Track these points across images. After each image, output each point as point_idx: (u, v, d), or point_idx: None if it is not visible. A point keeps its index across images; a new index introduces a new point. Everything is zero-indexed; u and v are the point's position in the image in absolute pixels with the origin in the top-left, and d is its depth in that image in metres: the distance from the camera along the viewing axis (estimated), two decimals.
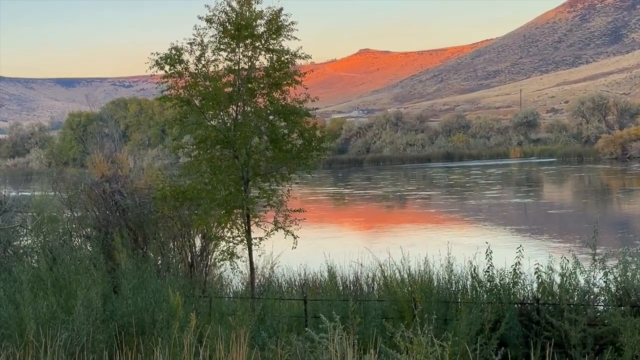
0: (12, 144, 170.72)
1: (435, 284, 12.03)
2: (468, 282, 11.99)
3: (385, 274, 12.67)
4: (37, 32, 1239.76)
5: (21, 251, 15.03)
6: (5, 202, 14.44)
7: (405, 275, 12.10)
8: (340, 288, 15.56)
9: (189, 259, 15.54)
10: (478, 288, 11.64)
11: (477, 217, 44.70)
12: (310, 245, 18.11)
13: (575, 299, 11.25)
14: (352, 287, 16.33)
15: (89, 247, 14.91)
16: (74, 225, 16.03)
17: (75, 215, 16.13)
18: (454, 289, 12.13)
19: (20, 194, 16.35)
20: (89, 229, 15.78)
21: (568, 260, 11.43)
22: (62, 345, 9.37)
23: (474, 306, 10.97)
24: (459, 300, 11.71)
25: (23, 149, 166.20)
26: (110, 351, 9.55)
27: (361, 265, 16.49)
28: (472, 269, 11.83)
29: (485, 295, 11.48)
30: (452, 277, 12.23)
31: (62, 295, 10.99)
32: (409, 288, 11.73)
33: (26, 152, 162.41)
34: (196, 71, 13.77)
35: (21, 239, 15.95)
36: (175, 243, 15.72)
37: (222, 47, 13.77)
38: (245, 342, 8.99)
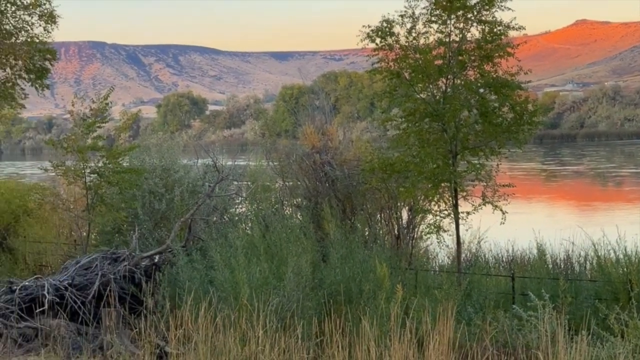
0: (229, 115, 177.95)
1: None
2: None
3: (599, 254, 12.19)
4: (254, 8, 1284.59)
5: (236, 218, 15.70)
6: (222, 171, 15.12)
7: (621, 256, 11.60)
8: (550, 266, 15.13)
9: (396, 231, 15.64)
10: None
11: None
12: (517, 220, 17.68)
13: None
14: (562, 266, 15.84)
15: (299, 216, 15.34)
16: (285, 195, 16.54)
17: (287, 184, 16.63)
18: None
19: (235, 163, 17.02)
20: (299, 199, 16.21)
21: None
22: (273, 310, 9.72)
23: None
24: None
25: (239, 120, 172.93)
26: (319, 318, 9.78)
27: (572, 243, 15.93)
28: None
29: None
30: None
31: (273, 261, 11.38)
32: (625, 269, 11.25)
33: (242, 123, 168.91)
34: (406, 44, 13.75)
35: (236, 206, 16.67)
36: (382, 215, 15.85)
37: (433, 19, 13.65)
38: (452, 316, 8.95)
